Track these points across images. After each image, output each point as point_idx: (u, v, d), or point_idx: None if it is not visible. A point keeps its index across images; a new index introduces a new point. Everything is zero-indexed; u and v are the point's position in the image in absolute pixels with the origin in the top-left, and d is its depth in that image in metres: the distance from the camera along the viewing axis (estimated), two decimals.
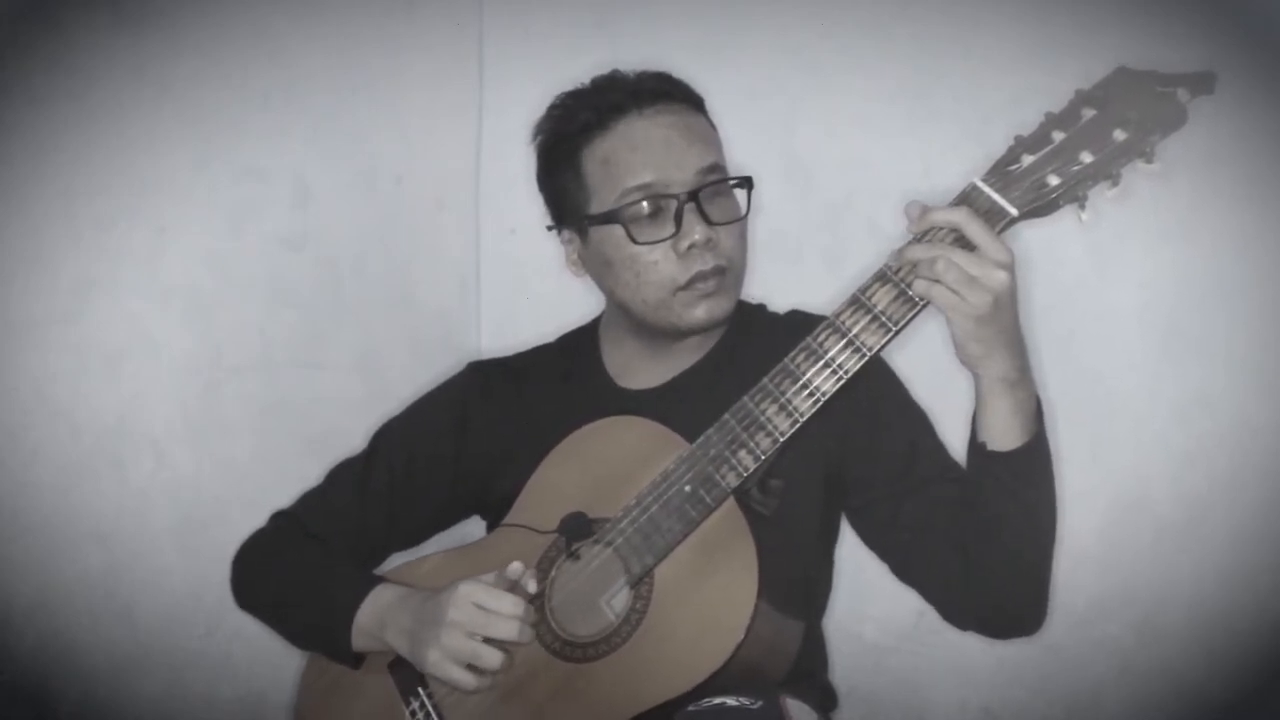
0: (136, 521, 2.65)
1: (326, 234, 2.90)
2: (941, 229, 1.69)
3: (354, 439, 2.21)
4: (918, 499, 1.94)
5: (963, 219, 1.67)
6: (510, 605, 1.84)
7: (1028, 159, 1.68)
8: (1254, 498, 2.58)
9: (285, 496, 2.21)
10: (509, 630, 1.84)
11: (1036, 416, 1.80)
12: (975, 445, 1.81)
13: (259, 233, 2.80)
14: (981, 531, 1.84)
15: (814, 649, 2.06)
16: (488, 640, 1.85)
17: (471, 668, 1.86)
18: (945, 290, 1.67)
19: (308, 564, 2.11)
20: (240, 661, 2.75)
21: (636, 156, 1.95)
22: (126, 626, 2.65)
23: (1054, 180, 1.66)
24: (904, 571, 2.00)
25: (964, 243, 1.68)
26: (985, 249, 1.66)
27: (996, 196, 1.67)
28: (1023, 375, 1.75)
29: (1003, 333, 1.71)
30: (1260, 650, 2.56)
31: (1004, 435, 1.78)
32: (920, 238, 1.70)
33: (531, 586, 1.88)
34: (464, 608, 1.84)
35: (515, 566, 1.88)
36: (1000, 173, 1.69)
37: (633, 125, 1.97)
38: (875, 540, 2.03)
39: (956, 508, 1.89)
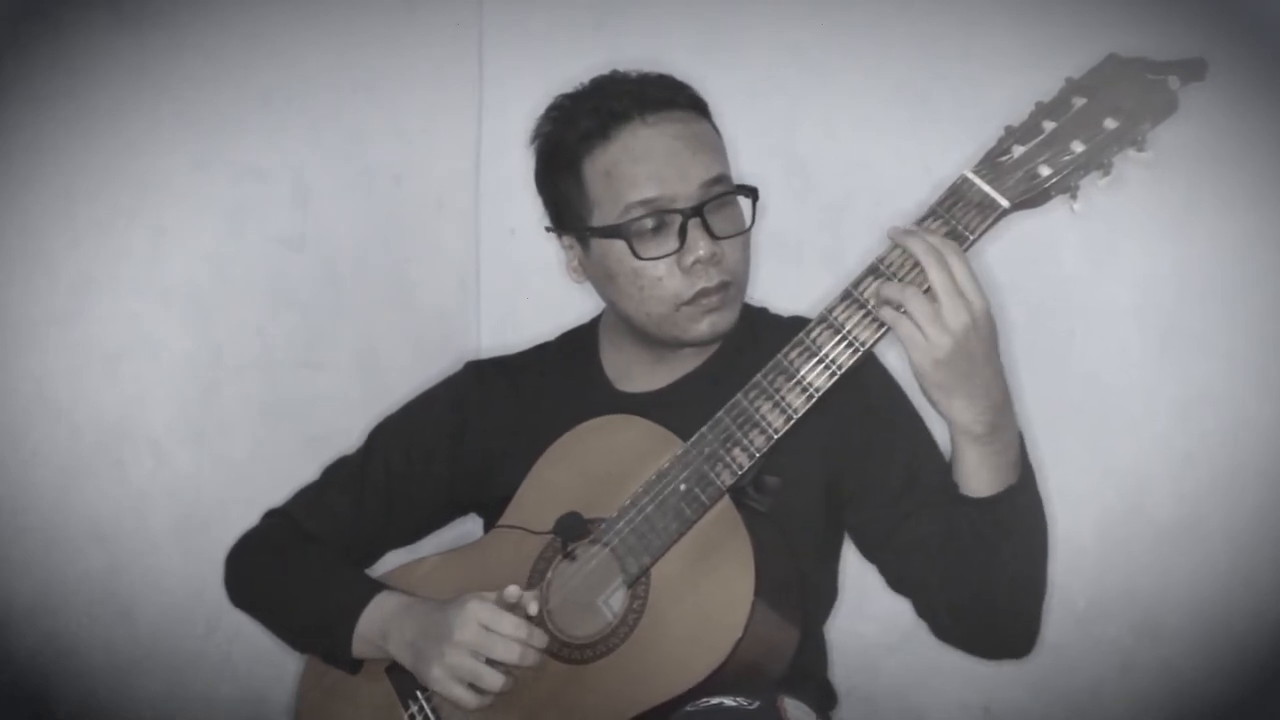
0: (136, 521, 2.65)
1: (326, 234, 2.90)
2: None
3: (353, 439, 2.22)
4: (912, 522, 1.92)
5: (946, 261, 1.66)
6: (513, 628, 1.84)
7: (1019, 149, 1.67)
8: (1254, 497, 2.57)
9: (285, 496, 2.21)
10: (512, 654, 1.83)
11: (1016, 466, 1.77)
12: (949, 483, 1.79)
13: (259, 233, 2.80)
14: (960, 569, 1.82)
15: (814, 648, 2.05)
16: (491, 661, 1.84)
17: (474, 686, 1.86)
18: (910, 324, 1.66)
19: (306, 566, 2.10)
20: (240, 661, 2.75)
21: (640, 169, 1.93)
22: (126, 626, 2.64)
23: (1045, 170, 1.66)
24: (897, 586, 1.98)
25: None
26: (964, 289, 1.66)
27: (988, 188, 1.67)
28: (992, 432, 1.72)
29: (964, 380, 1.67)
30: (1260, 650, 2.55)
31: (972, 482, 1.76)
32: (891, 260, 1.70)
33: (532, 609, 1.88)
34: (470, 627, 1.84)
35: (512, 590, 1.87)
36: (991, 164, 1.68)
37: (636, 134, 1.95)
38: (870, 554, 2.02)
39: (948, 534, 1.86)
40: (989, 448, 1.73)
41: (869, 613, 2.72)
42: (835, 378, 1.73)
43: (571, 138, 1.98)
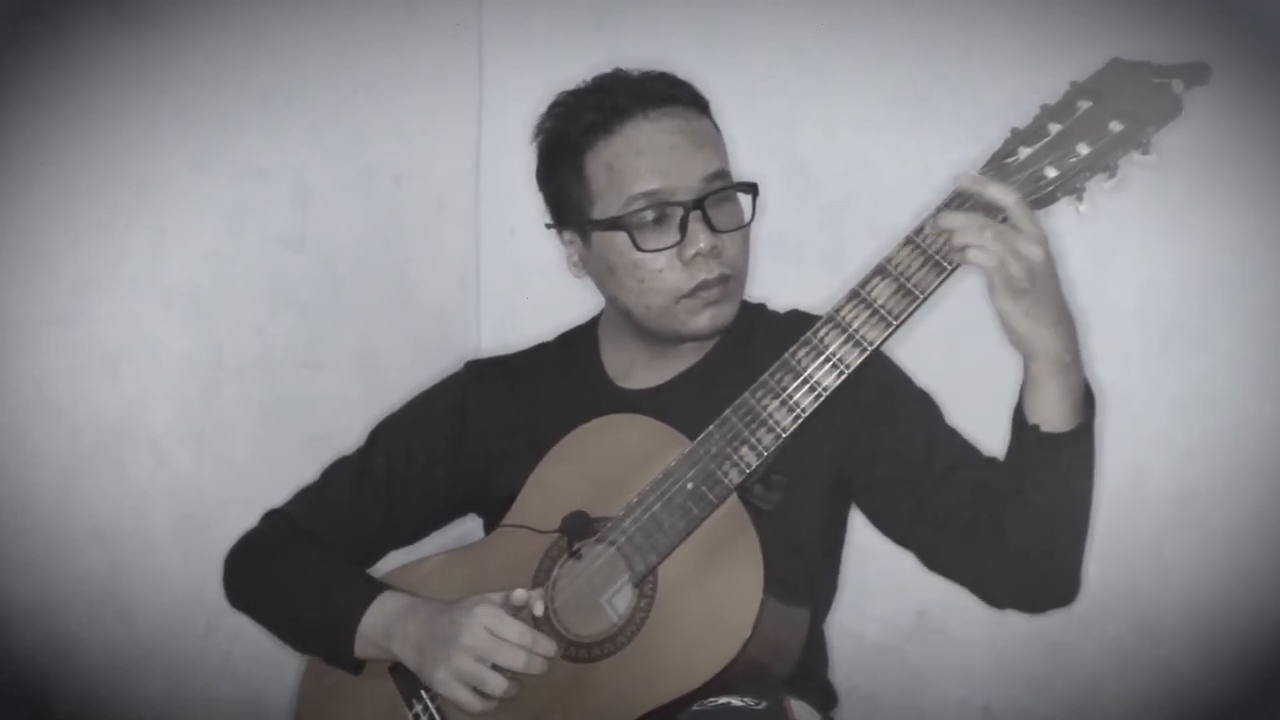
0: (136, 521, 2.65)
1: (326, 234, 2.90)
2: (968, 200, 1.70)
3: (353, 439, 2.21)
4: (943, 489, 1.94)
5: (1013, 203, 1.67)
6: (519, 635, 1.84)
7: (1024, 151, 1.68)
8: (1254, 497, 2.58)
9: (285, 496, 2.20)
10: (517, 661, 1.83)
11: (1085, 399, 1.80)
12: (1028, 428, 1.79)
13: (259, 233, 2.80)
14: (1024, 513, 1.83)
15: (815, 648, 2.05)
16: (496, 667, 1.84)
17: (478, 690, 1.86)
18: (992, 256, 1.67)
19: (307, 566, 2.10)
20: (240, 661, 2.74)
21: (642, 162, 1.95)
22: (126, 626, 2.64)
23: (1051, 172, 1.67)
24: (932, 561, 1.99)
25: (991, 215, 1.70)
26: (1027, 231, 1.68)
27: None
28: (1075, 358, 1.76)
29: (1047, 307, 1.71)
30: (1260, 650, 2.55)
31: (1058, 418, 1.78)
32: (954, 205, 1.71)
33: (538, 609, 1.88)
34: (476, 632, 1.84)
35: (519, 593, 1.87)
36: (997, 165, 1.70)
37: (638, 129, 1.96)
38: (900, 533, 2.02)
39: (982, 492, 1.89)
40: (1073, 377, 1.76)
41: (869, 613, 2.74)
42: (843, 377, 1.75)
43: (574, 132, 2.00)
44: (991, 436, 1.90)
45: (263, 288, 2.82)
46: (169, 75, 2.64)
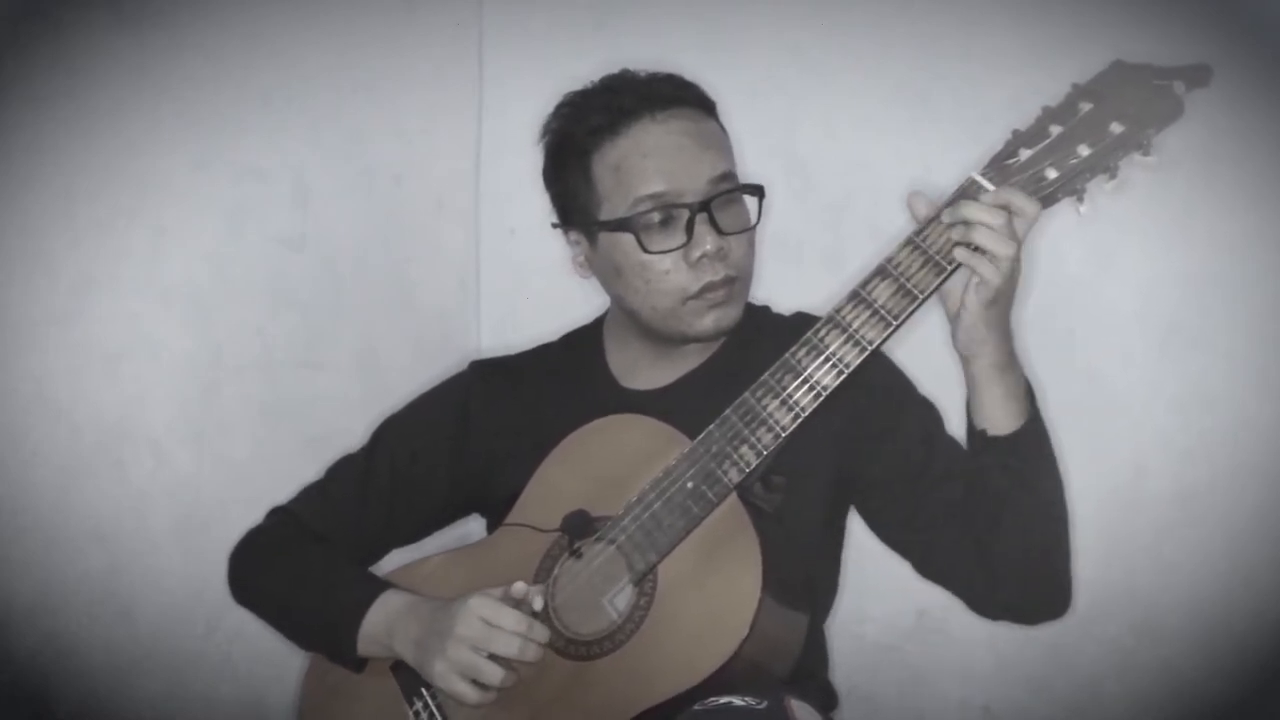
0: (136, 521, 2.65)
1: (326, 234, 2.90)
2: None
3: (354, 439, 2.21)
4: (936, 495, 1.94)
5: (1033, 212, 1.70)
6: (514, 622, 1.84)
7: (1025, 153, 1.69)
8: (1254, 496, 2.58)
9: (285, 496, 2.20)
10: (512, 647, 1.83)
11: (1028, 398, 1.83)
12: (975, 433, 1.83)
13: (259, 233, 2.81)
14: (991, 518, 1.85)
15: (815, 648, 2.05)
16: (493, 656, 1.85)
17: (476, 681, 1.86)
18: (998, 272, 1.70)
19: (311, 564, 2.10)
20: (240, 661, 2.75)
21: (649, 164, 1.94)
22: (126, 626, 2.64)
23: (1052, 174, 1.68)
24: (926, 567, 1.99)
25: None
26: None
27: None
28: (1011, 359, 1.79)
29: (1003, 314, 1.75)
30: (1260, 650, 2.56)
31: (1001, 419, 1.81)
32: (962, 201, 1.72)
33: (537, 604, 1.88)
34: (471, 622, 1.84)
35: (519, 587, 1.87)
36: (998, 166, 1.70)
37: (646, 130, 1.96)
38: (894, 538, 2.02)
39: (977, 498, 1.89)
40: (1012, 377, 1.80)
41: (869, 613, 2.74)
42: (843, 377, 1.75)
43: (581, 133, 1.99)
44: None
45: (263, 288, 2.82)
46: (169, 75, 2.65)
